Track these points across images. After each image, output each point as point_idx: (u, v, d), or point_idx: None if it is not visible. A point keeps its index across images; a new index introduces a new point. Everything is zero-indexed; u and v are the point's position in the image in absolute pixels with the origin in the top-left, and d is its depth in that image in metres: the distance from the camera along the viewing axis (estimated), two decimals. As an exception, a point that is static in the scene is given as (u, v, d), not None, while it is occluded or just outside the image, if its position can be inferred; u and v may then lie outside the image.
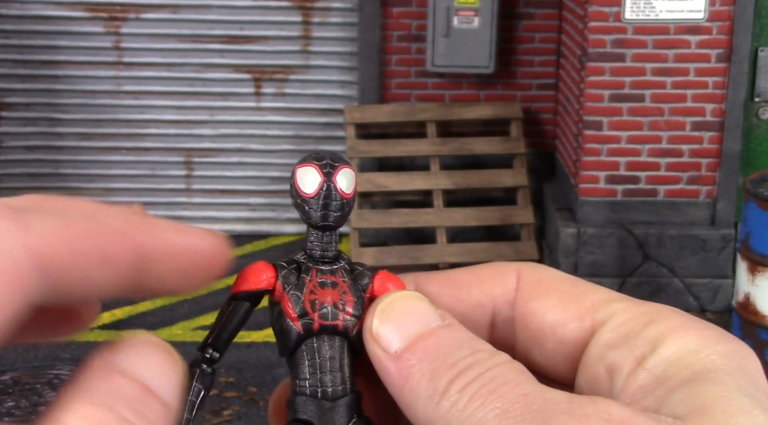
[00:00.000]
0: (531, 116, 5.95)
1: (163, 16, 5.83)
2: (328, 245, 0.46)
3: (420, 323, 0.42)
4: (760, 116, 5.31)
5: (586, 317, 0.45)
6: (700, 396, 0.39)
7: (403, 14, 5.80)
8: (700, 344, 0.41)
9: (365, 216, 5.64)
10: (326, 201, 0.45)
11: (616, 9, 4.97)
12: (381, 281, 0.46)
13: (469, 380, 0.39)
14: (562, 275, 0.48)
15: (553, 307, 0.46)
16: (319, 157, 0.45)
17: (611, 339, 0.43)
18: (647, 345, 0.42)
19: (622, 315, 0.44)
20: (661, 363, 0.41)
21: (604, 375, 0.43)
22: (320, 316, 0.44)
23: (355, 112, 5.79)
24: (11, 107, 5.93)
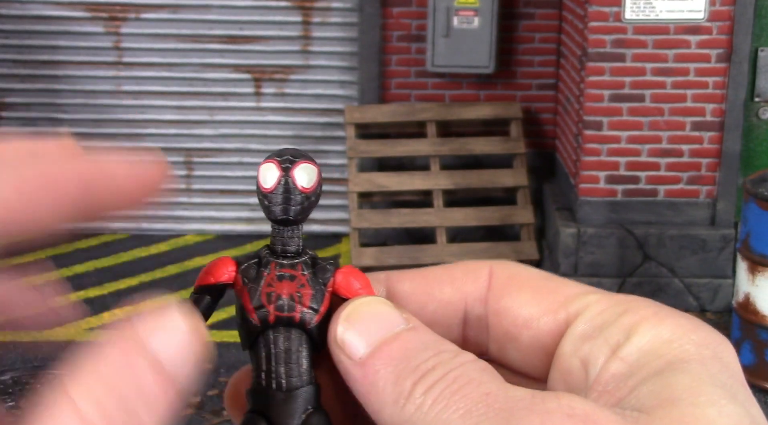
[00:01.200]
0: (531, 116, 5.95)
1: (163, 16, 5.83)
2: (289, 239, 0.46)
3: (384, 328, 0.42)
4: (760, 116, 5.31)
5: (559, 311, 0.45)
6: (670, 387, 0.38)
7: (403, 14, 5.80)
8: (675, 333, 0.41)
9: (365, 216, 5.63)
10: (284, 195, 0.45)
11: (616, 9, 4.97)
12: (344, 275, 0.46)
13: (433, 381, 0.39)
14: (534, 271, 0.48)
15: (526, 302, 0.46)
16: (280, 153, 0.46)
17: (585, 331, 0.43)
18: (621, 335, 0.41)
19: (596, 307, 0.44)
20: (634, 352, 0.41)
21: (579, 367, 0.43)
22: (276, 308, 0.44)
23: (355, 112, 5.79)
24: (11, 107, 5.93)
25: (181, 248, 5.91)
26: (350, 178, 5.66)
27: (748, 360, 4.46)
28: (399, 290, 0.48)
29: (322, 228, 6.08)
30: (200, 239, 6.03)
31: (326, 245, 5.96)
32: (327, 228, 6.09)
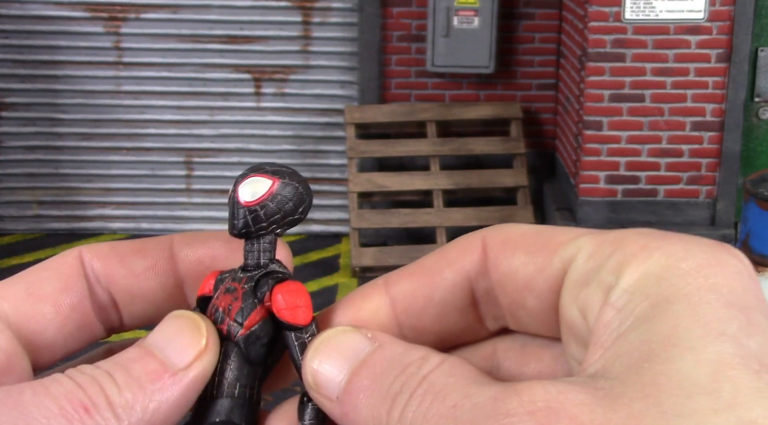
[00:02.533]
0: (531, 116, 5.95)
1: (163, 16, 5.83)
2: (248, 253, 0.46)
3: (349, 357, 0.42)
4: (760, 116, 5.31)
5: (554, 262, 0.42)
6: (647, 340, 0.35)
7: (403, 14, 5.80)
8: (664, 265, 0.37)
9: (365, 216, 5.63)
10: (231, 211, 0.46)
11: (616, 9, 4.97)
12: (280, 292, 0.45)
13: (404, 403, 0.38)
14: (526, 228, 0.45)
15: (522, 264, 0.43)
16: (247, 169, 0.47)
17: (579, 277, 0.40)
18: (611, 276, 0.38)
19: (587, 249, 0.41)
20: (623, 295, 0.37)
21: (579, 318, 0.40)
22: (213, 320, 0.45)
23: (355, 112, 5.79)
24: (11, 107, 5.93)
25: (181, 248, 5.90)
26: (350, 178, 5.66)
27: (748, 360, 4.45)
28: (399, 292, 0.46)
29: (322, 228, 6.08)
30: (200, 239, 6.02)
31: (326, 245, 5.96)
32: (327, 228, 6.09)
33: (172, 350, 0.42)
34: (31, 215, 6.04)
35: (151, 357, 0.42)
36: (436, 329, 0.46)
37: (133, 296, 0.48)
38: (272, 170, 0.46)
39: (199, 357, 0.43)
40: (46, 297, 0.46)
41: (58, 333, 0.46)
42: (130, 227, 6.06)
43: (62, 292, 0.47)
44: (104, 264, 0.48)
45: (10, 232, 6.03)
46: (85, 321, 0.48)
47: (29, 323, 0.46)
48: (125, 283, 0.48)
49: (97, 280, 0.48)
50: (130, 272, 0.48)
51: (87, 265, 0.48)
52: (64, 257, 0.48)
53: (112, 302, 0.49)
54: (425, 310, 0.46)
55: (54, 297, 0.47)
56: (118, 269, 0.48)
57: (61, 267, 0.48)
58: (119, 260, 0.48)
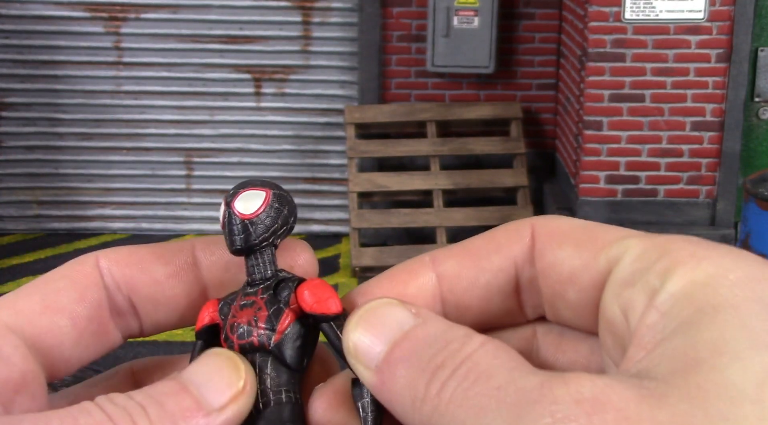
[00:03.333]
0: (531, 116, 5.95)
1: (163, 16, 5.83)
2: (253, 268, 0.46)
3: (393, 327, 0.41)
4: (760, 116, 5.31)
5: (599, 260, 0.42)
6: (693, 346, 0.35)
7: (403, 14, 5.80)
8: (712, 274, 0.37)
9: (365, 216, 5.63)
10: (229, 227, 0.45)
11: (616, 9, 4.97)
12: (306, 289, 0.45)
13: (444, 379, 0.38)
14: (576, 222, 0.45)
15: (568, 257, 0.44)
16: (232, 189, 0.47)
17: (624, 277, 0.40)
18: (657, 280, 0.38)
19: (634, 250, 0.41)
20: (668, 300, 0.37)
21: (620, 317, 0.40)
22: (237, 337, 0.45)
23: (355, 112, 5.79)
24: (11, 107, 5.93)
25: (181, 248, 5.90)
26: (350, 178, 5.67)
27: (748, 360, 4.45)
28: (446, 271, 0.46)
29: (322, 228, 6.08)
30: (200, 239, 6.02)
31: (326, 245, 5.96)
32: (327, 228, 6.09)
33: (209, 389, 0.42)
34: (31, 215, 6.04)
35: (187, 393, 0.41)
36: (477, 310, 0.47)
37: (156, 304, 0.47)
38: (260, 183, 0.46)
39: (235, 398, 0.42)
40: (62, 310, 0.45)
41: (75, 346, 0.45)
42: (130, 227, 6.06)
43: (79, 303, 0.46)
44: (124, 272, 0.47)
45: (10, 232, 6.03)
46: (102, 330, 0.47)
47: (45, 337, 0.44)
48: (148, 291, 0.47)
49: (117, 288, 0.47)
50: (152, 280, 0.47)
51: (105, 272, 0.47)
52: (81, 264, 0.47)
53: (131, 309, 0.48)
54: (469, 291, 0.46)
55: (70, 309, 0.45)
56: (140, 276, 0.47)
57: (77, 276, 0.46)
58: (140, 266, 0.47)
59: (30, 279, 2.52)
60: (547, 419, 0.34)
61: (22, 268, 5.49)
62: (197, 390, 0.41)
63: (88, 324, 0.46)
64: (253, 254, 0.46)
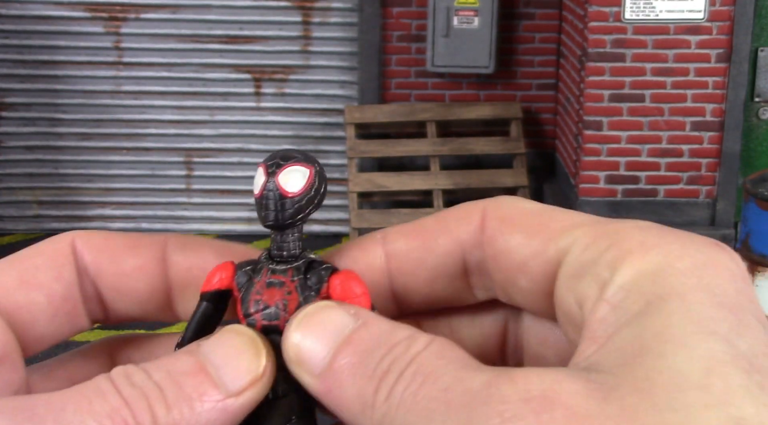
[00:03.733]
0: (531, 116, 5.95)
1: (163, 16, 5.83)
2: (282, 244, 0.45)
3: (334, 333, 0.41)
4: (760, 116, 5.31)
5: (549, 249, 0.42)
6: (640, 338, 0.35)
7: (403, 14, 5.80)
8: (660, 263, 0.37)
9: (365, 216, 5.63)
10: (266, 202, 0.44)
11: (616, 9, 4.97)
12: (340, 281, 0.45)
13: (392, 383, 0.38)
14: (528, 206, 0.45)
15: (518, 245, 0.43)
16: (272, 156, 0.45)
17: (574, 268, 0.40)
18: (607, 271, 0.38)
19: (583, 240, 0.40)
20: (618, 291, 0.37)
21: (575, 308, 0.40)
22: (263, 316, 0.44)
23: (355, 112, 5.79)
24: (11, 107, 5.93)
25: (181, 248, 5.90)
26: (350, 178, 5.67)
27: (748, 360, 4.45)
28: (395, 249, 0.46)
29: (322, 228, 6.08)
30: (200, 239, 6.02)
31: (326, 245, 5.96)
32: (327, 228, 6.09)
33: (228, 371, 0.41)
34: (31, 215, 6.04)
35: (206, 375, 0.40)
36: (425, 291, 0.46)
37: (120, 294, 0.47)
38: (303, 158, 0.45)
39: (253, 384, 0.41)
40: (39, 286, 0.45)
41: (49, 323, 0.45)
42: (130, 227, 6.06)
43: (56, 281, 0.45)
44: (95, 257, 0.46)
45: (10, 232, 6.03)
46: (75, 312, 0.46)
47: (21, 312, 0.44)
48: (113, 280, 0.47)
49: (85, 272, 0.46)
50: (119, 270, 0.46)
51: (78, 255, 0.46)
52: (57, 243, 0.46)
53: (97, 296, 0.47)
54: (416, 271, 0.46)
55: (48, 286, 0.45)
56: (108, 264, 0.46)
57: (54, 254, 0.46)
58: (110, 255, 0.46)
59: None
60: (495, 420, 0.34)
61: (22, 268, 5.49)
62: (216, 372, 0.40)
63: (63, 303, 0.45)
64: (283, 230, 0.45)
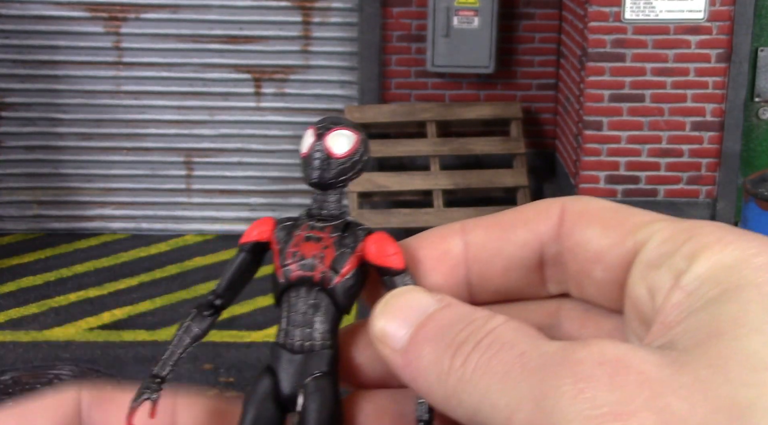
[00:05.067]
0: (531, 116, 5.95)
1: (163, 16, 5.83)
2: (322, 203, 0.49)
3: (417, 312, 0.42)
4: (760, 116, 5.31)
5: (627, 241, 0.43)
6: (716, 320, 0.37)
7: (403, 14, 5.80)
8: (737, 258, 0.39)
9: (365, 216, 5.63)
10: (317, 160, 0.48)
11: (616, 9, 4.97)
12: (375, 242, 0.48)
13: (469, 351, 0.39)
14: (606, 204, 0.47)
15: (596, 236, 0.45)
16: (321, 120, 0.49)
17: (651, 259, 0.42)
18: (684, 262, 0.40)
19: (662, 234, 0.42)
20: (694, 280, 0.39)
21: (646, 297, 0.41)
22: (299, 267, 0.46)
23: (355, 112, 5.79)
24: (11, 107, 5.93)
25: (181, 248, 5.91)
26: (350, 178, 5.66)
27: (748, 360, 4.45)
28: (473, 240, 0.48)
29: (322, 228, 6.08)
30: (200, 239, 6.03)
31: (326, 245, 5.96)
32: (327, 228, 6.09)
33: None
34: (31, 215, 6.04)
35: None
36: (499, 280, 0.48)
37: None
38: (351, 125, 0.48)
39: None
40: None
41: None
42: (130, 227, 6.06)
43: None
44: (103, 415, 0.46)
45: (10, 232, 6.03)
46: None
47: None
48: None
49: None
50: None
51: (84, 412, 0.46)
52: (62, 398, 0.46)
53: None
54: (493, 261, 0.47)
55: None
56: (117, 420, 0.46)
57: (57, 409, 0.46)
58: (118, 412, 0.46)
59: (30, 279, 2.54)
60: (569, 380, 0.35)
61: (22, 268, 5.49)
62: None
63: None
64: (326, 189, 0.48)
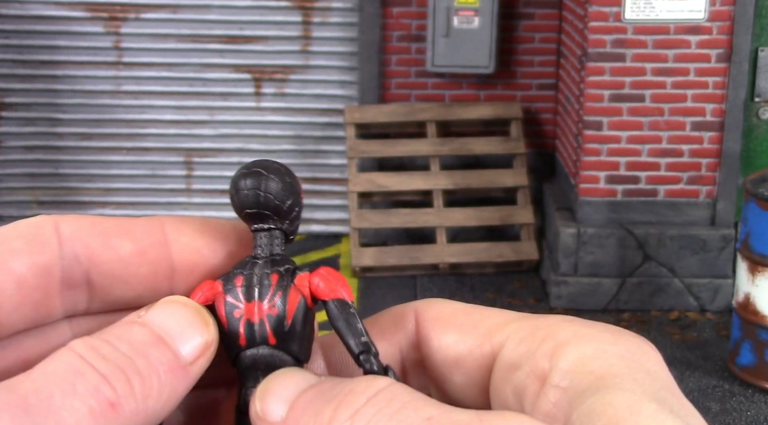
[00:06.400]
0: (531, 116, 5.95)
1: (163, 16, 5.83)
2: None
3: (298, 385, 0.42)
4: (760, 116, 5.31)
5: (484, 345, 0.45)
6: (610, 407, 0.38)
7: (403, 14, 5.80)
8: (597, 348, 0.41)
9: (365, 216, 5.63)
10: None
11: (616, 9, 4.97)
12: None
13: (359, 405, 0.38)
14: (458, 306, 0.47)
15: (453, 342, 0.46)
16: None
17: (511, 361, 0.43)
18: (545, 361, 0.41)
19: (517, 335, 0.44)
20: (564, 376, 0.40)
21: (512, 399, 0.43)
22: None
23: (355, 112, 5.79)
24: (11, 107, 5.93)
25: (181, 248, 5.90)
26: (350, 178, 5.67)
27: (748, 360, 4.46)
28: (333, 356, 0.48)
29: (322, 228, 6.08)
30: (200, 239, 6.02)
31: (326, 245, 5.96)
32: (327, 228, 6.09)
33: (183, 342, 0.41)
34: (31, 215, 6.01)
35: (165, 345, 0.41)
36: None
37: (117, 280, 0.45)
38: None
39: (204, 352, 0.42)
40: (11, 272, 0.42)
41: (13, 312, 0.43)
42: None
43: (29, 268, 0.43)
44: (87, 243, 0.44)
45: (10, 232, 6.02)
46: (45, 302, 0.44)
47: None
48: (110, 267, 0.44)
49: (75, 259, 0.44)
50: (117, 256, 0.44)
51: (66, 241, 0.44)
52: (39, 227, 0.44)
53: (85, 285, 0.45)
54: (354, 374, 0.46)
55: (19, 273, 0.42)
56: (104, 250, 0.44)
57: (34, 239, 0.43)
58: (104, 240, 0.44)
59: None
60: None
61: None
62: (173, 343, 0.41)
63: (32, 292, 0.43)
64: None
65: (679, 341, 4.90)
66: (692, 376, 4.58)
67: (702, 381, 4.55)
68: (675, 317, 5.13)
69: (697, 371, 4.63)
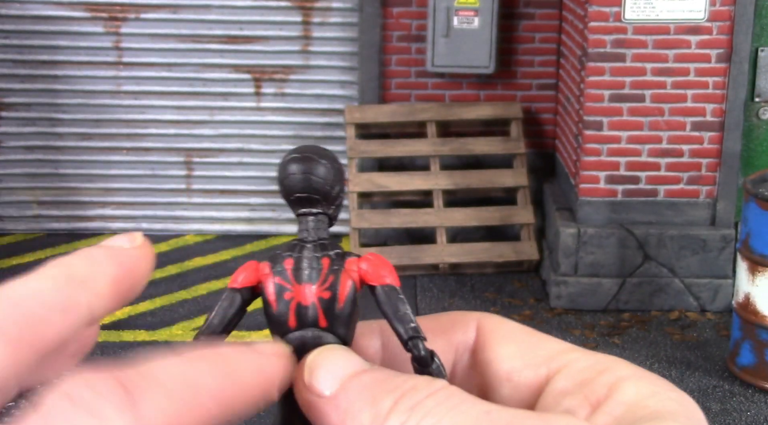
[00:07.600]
0: (531, 116, 5.95)
1: (163, 16, 5.83)
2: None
3: (350, 365, 0.42)
4: (760, 116, 5.31)
5: (541, 366, 0.46)
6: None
7: (403, 14, 5.80)
8: (655, 389, 0.43)
9: (365, 216, 5.63)
10: None
11: (616, 9, 4.97)
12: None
13: (418, 400, 0.39)
14: (519, 326, 0.49)
15: (509, 356, 0.47)
16: None
17: (566, 387, 0.45)
18: (603, 391, 0.43)
19: (577, 364, 0.45)
20: (619, 406, 0.42)
21: None
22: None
23: (355, 112, 5.79)
24: (11, 107, 5.93)
25: (181, 248, 5.91)
26: (350, 178, 5.67)
27: (748, 360, 4.45)
28: (390, 341, 0.48)
29: (322, 228, 6.07)
30: (200, 239, 6.03)
31: (326, 245, 5.96)
32: (327, 228, 6.08)
33: None
34: (31, 215, 6.04)
35: None
36: None
37: None
38: None
39: None
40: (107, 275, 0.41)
41: (102, 310, 0.41)
42: (130, 227, 6.05)
43: None
44: None
45: (10, 232, 6.03)
46: None
47: None
48: None
49: None
50: None
51: None
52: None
53: None
54: (406, 365, 0.47)
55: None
56: None
57: None
58: None
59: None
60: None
61: (22, 268, 5.49)
62: None
63: None
64: None
65: (679, 341, 4.91)
66: (692, 376, 4.58)
67: (702, 381, 4.55)
68: (675, 317, 5.13)
69: (697, 371, 4.63)
